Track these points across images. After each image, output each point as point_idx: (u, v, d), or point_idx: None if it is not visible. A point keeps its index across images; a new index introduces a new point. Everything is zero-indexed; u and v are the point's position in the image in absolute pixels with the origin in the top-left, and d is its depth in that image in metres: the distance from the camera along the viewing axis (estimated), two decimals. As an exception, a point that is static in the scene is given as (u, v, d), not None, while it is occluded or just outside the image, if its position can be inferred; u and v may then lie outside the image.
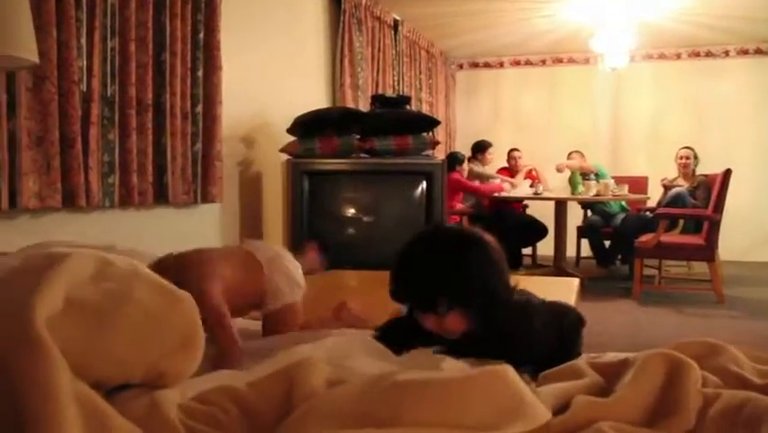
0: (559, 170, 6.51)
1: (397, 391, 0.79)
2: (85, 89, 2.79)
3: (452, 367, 0.93)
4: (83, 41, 2.76)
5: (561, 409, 0.92)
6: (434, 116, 6.61)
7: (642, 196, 6.42)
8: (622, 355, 1.16)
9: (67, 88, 2.65)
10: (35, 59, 1.94)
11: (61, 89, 2.64)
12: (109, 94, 2.95)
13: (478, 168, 6.76)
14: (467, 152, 7.22)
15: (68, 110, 2.66)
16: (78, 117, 2.71)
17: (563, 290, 2.94)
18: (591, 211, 6.84)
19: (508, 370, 0.84)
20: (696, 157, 6.23)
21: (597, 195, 5.87)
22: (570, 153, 6.82)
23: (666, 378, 0.94)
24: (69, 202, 2.70)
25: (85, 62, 2.78)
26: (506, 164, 7.20)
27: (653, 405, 0.92)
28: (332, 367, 0.94)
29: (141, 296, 0.93)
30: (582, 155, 6.79)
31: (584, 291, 5.34)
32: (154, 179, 3.22)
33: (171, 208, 3.46)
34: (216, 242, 3.96)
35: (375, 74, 5.98)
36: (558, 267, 6.06)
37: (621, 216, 6.41)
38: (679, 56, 7.91)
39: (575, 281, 3.13)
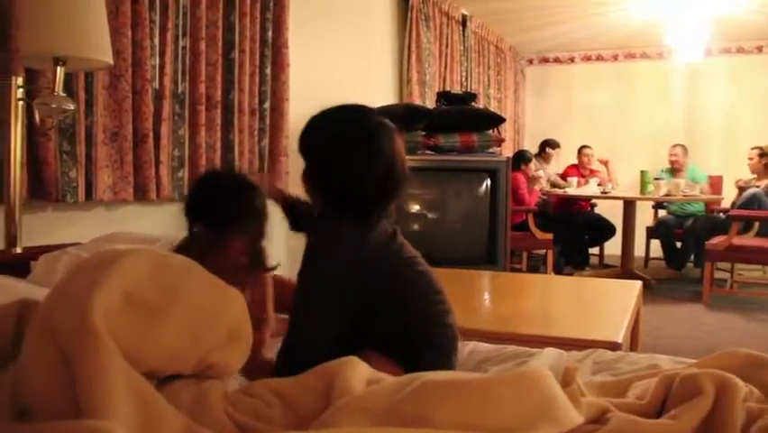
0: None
1: (427, 390, 0.81)
2: (157, 87, 2.89)
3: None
4: (156, 40, 2.87)
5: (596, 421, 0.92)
6: (501, 113, 6.57)
7: (715, 196, 6.23)
8: (670, 370, 1.14)
9: (140, 86, 2.76)
10: (110, 60, 2.04)
11: (135, 87, 2.75)
12: (180, 91, 3.06)
13: (537, 170, 6.60)
14: (536, 150, 7.16)
15: (140, 107, 2.77)
16: (151, 114, 2.82)
17: (625, 293, 2.90)
18: (667, 211, 6.66)
19: (541, 372, 0.85)
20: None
21: (667, 195, 5.73)
22: (673, 146, 6.62)
23: (713, 401, 0.92)
24: (141, 195, 2.81)
25: (157, 61, 2.89)
26: (575, 161, 7.08)
27: (697, 431, 0.90)
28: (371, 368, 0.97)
29: (193, 292, 0.98)
30: (685, 149, 6.57)
31: (653, 293, 5.26)
32: (222, 174, 3.31)
33: (239, 202, 3.54)
34: (282, 236, 4.04)
35: (442, 70, 5.98)
36: (625, 268, 5.94)
37: (694, 217, 6.24)
38: (760, 49, 7.59)
39: (637, 284, 3.07)
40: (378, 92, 5.11)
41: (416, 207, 4.56)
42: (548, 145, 6.99)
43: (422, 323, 1.39)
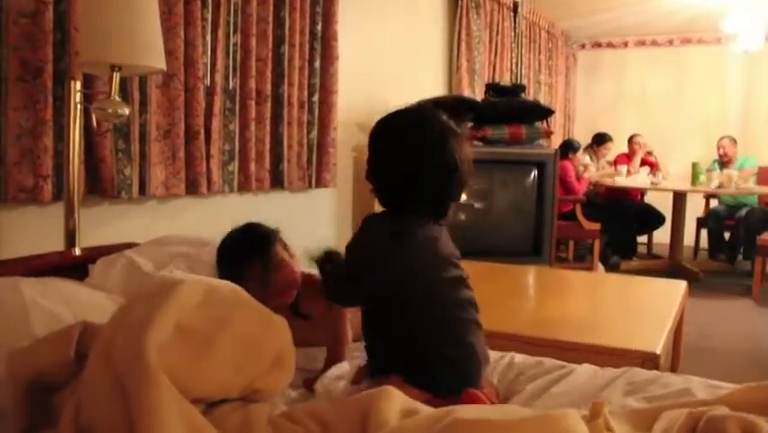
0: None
1: (456, 428, 0.85)
2: (208, 83, 2.96)
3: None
4: (208, 38, 2.93)
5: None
6: (552, 99, 6.52)
7: (768, 189, 6.06)
8: (699, 408, 1.13)
9: (192, 84, 2.83)
10: (163, 66, 2.11)
11: (187, 85, 2.82)
12: (231, 87, 3.12)
13: (583, 160, 6.48)
14: (586, 136, 7.07)
15: (192, 104, 2.85)
16: (202, 110, 2.90)
17: (669, 295, 2.89)
18: (719, 201, 6.52)
19: (566, 413, 0.88)
20: None
21: (719, 187, 5.61)
22: (721, 139, 6.46)
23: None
24: (192, 189, 2.90)
25: (209, 58, 2.95)
26: (626, 149, 6.96)
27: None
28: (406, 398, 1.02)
29: (240, 321, 1.04)
30: (734, 141, 6.40)
31: (701, 286, 5.18)
32: (271, 167, 3.38)
33: (286, 192, 3.62)
34: (330, 225, 4.12)
35: (492, 57, 5.94)
36: (674, 260, 5.87)
37: (746, 208, 6.10)
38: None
39: (682, 285, 3.05)
40: (426, 81, 5.12)
41: (462, 198, 4.58)
42: (602, 140, 6.85)
43: (435, 336, 1.40)
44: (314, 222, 3.96)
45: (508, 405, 1.12)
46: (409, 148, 1.42)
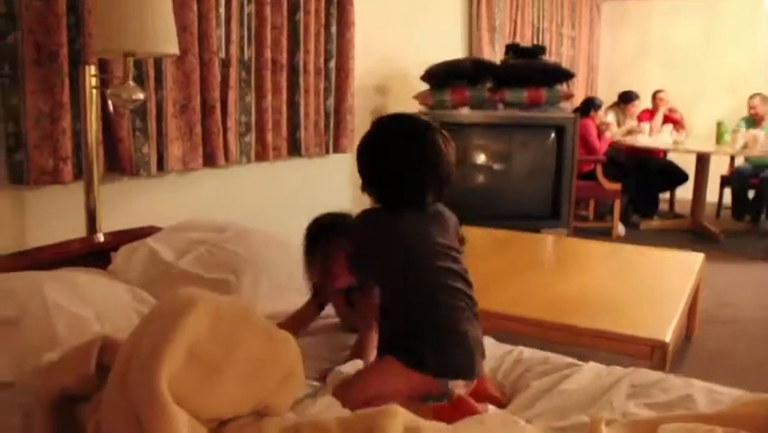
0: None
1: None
2: (223, 56, 2.96)
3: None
4: (221, 10, 2.92)
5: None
6: (574, 57, 6.42)
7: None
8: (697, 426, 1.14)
9: (207, 58, 2.83)
10: (176, 51, 2.12)
11: (202, 59, 2.82)
12: (246, 58, 3.12)
13: (607, 118, 6.38)
14: (609, 90, 6.95)
15: (208, 78, 2.85)
16: (218, 83, 2.91)
17: (685, 270, 2.88)
18: (744, 158, 6.40)
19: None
20: None
21: (744, 147, 5.52)
22: (751, 97, 6.32)
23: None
24: (210, 163, 2.93)
25: (223, 30, 2.94)
26: (649, 105, 6.84)
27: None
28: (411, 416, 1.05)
29: (249, 342, 1.07)
30: (765, 98, 6.22)
31: (721, 248, 5.15)
32: (288, 136, 3.40)
33: (304, 159, 3.64)
34: (347, 189, 4.13)
35: (513, 12, 5.84)
36: (695, 220, 5.83)
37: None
38: None
39: (699, 258, 3.05)
40: (445, 41, 5.05)
41: (480, 161, 4.57)
42: (629, 98, 6.69)
43: (427, 321, 1.47)
44: (330, 187, 3.98)
45: (509, 418, 1.15)
46: (394, 149, 1.54)
